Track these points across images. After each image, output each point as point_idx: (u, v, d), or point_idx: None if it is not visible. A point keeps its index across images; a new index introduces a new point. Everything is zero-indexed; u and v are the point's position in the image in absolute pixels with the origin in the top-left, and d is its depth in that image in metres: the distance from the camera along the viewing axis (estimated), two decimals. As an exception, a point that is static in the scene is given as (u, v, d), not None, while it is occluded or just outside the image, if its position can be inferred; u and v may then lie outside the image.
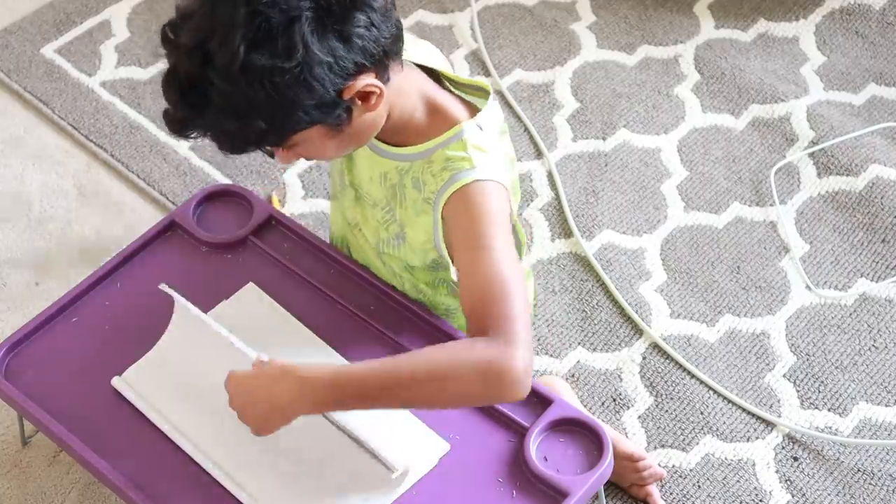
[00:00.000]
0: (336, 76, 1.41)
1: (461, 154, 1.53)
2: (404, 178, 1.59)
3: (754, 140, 2.32)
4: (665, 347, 2.02)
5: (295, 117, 1.42)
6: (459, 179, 1.51)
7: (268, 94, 1.38)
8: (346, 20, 1.40)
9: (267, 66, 1.37)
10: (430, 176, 1.55)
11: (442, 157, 1.54)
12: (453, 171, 1.52)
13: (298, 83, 1.39)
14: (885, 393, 1.98)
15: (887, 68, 2.43)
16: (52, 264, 2.16)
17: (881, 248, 2.15)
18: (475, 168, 1.52)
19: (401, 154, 1.58)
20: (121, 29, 2.52)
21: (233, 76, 1.37)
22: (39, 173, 2.29)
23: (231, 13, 1.36)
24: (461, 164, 1.53)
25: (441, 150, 1.54)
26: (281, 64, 1.37)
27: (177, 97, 1.42)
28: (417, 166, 1.57)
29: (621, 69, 2.44)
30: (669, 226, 2.20)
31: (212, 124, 1.43)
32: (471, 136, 1.54)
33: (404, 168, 1.58)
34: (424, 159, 1.56)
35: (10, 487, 1.88)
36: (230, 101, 1.39)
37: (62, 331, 1.73)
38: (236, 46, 1.36)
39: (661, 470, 1.87)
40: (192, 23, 1.39)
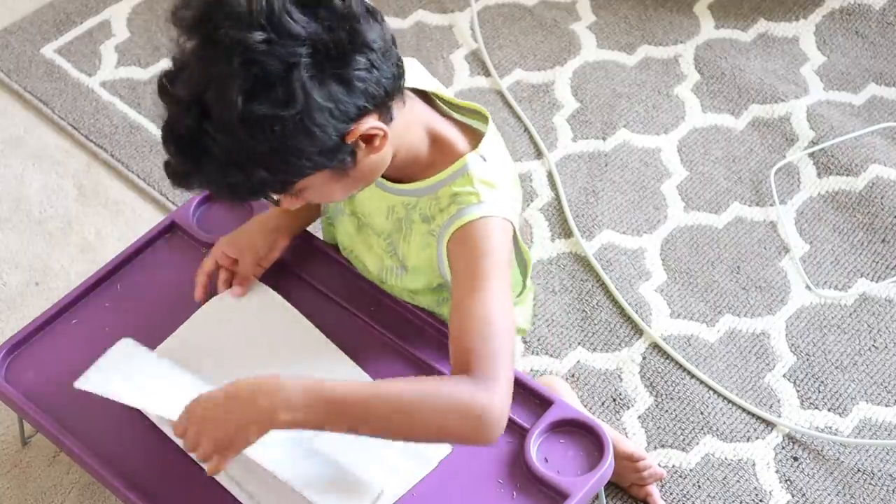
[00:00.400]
0: (338, 121, 1.38)
1: (468, 189, 1.52)
2: (412, 212, 1.57)
3: (754, 140, 2.32)
4: (665, 347, 2.02)
5: (298, 165, 1.39)
6: (466, 215, 1.51)
7: (269, 143, 1.35)
8: (345, 64, 1.37)
9: (267, 115, 1.34)
10: (437, 211, 1.54)
11: (448, 192, 1.53)
12: (460, 205, 1.51)
13: (300, 131, 1.36)
14: (885, 393, 1.98)
15: (887, 68, 2.43)
16: (52, 264, 2.16)
17: (881, 248, 2.15)
18: (482, 203, 1.51)
19: (407, 190, 1.56)
20: (121, 29, 2.52)
21: (232, 128, 1.34)
22: (39, 173, 2.29)
23: (226, 64, 1.33)
24: (468, 198, 1.51)
25: (447, 186, 1.53)
26: (281, 112, 1.34)
27: (175, 150, 1.39)
28: (425, 202, 1.55)
29: (621, 69, 2.44)
30: (669, 226, 2.20)
31: (213, 177, 1.39)
32: (475, 169, 1.53)
33: (411, 203, 1.57)
34: (431, 195, 1.55)
35: (10, 487, 1.88)
36: (231, 153, 1.36)
37: (62, 332, 1.73)
38: (234, 98, 1.33)
39: (661, 470, 1.87)
40: (187, 74, 1.36)
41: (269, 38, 1.34)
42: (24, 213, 2.24)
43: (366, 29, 1.39)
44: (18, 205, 2.25)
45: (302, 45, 1.35)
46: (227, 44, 1.33)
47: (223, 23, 1.34)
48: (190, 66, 1.36)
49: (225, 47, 1.33)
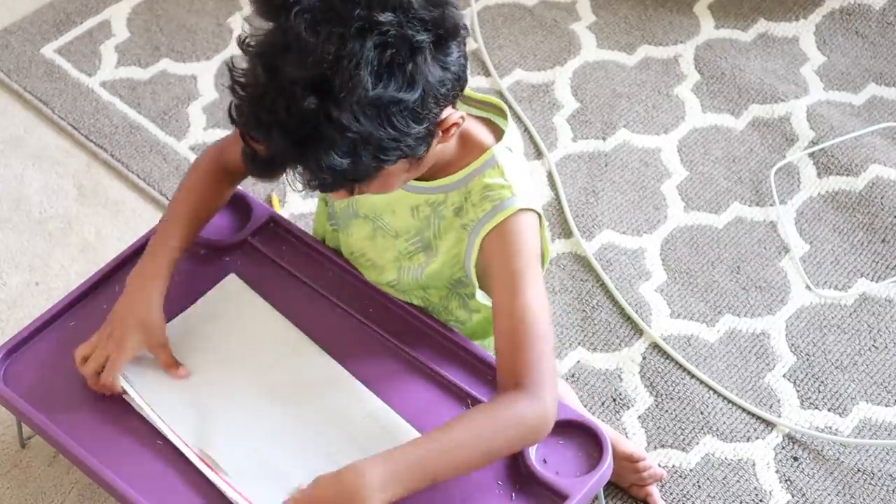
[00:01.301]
0: (439, 108, 1.39)
1: (500, 181, 1.52)
2: (441, 209, 1.57)
3: (754, 140, 2.32)
4: (665, 347, 2.02)
5: (399, 150, 1.37)
6: (502, 210, 1.51)
7: (387, 128, 1.34)
8: (448, 50, 1.37)
9: (394, 98, 1.32)
10: (470, 205, 1.54)
11: (480, 185, 1.53)
12: (495, 201, 1.52)
13: (413, 115, 1.35)
14: (885, 393, 1.98)
15: (887, 68, 2.43)
16: (52, 264, 2.16)
17: (881, 248, 2.15)
18: (516, 196, 1.52)
19: (433, 187, 1.56)
20: (121, 29, 2.52)
21: (360, 111, 1.31)
22: (39, 173, 2.29)
23: (359, 44, 1.30)
24: (502, 192, 1.52)
25: (478, 178, 1.53)
26: (404, 97, 1.33)
27: (279, 135, 1.34)
28: (455, 196, 1.55)
29: (621, 69, 2.44)
30: (669, 226, 2.20)
31: (317, 163, 1.35)
32: (504, 160, 1.53)
33: (438, 200, 1.57)
34: (460, 189, 1.55)
35: (10, 488, 1.88)
36: (349, 137, 1.33)
37: (60, 335, 1.72)
38: (365, 79, 1.30)
39: (661, 470, 1.87)
40: (303, 53, 1.31)
41: (401, 20, 1.33)
42: (24, 213, 2.24)
43: (457, 14, 1.39)
44: (18, 205, 2.25)
45: (426, 31, 1.34)
46: (361, 23, 1.31)
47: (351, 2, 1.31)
48: (306, 44, 1.31)
49: (358, 27, 1.30)
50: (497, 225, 1.52)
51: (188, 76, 2.43)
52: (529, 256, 1.52)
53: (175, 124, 2.35)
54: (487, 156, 1.53)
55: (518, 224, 1.52)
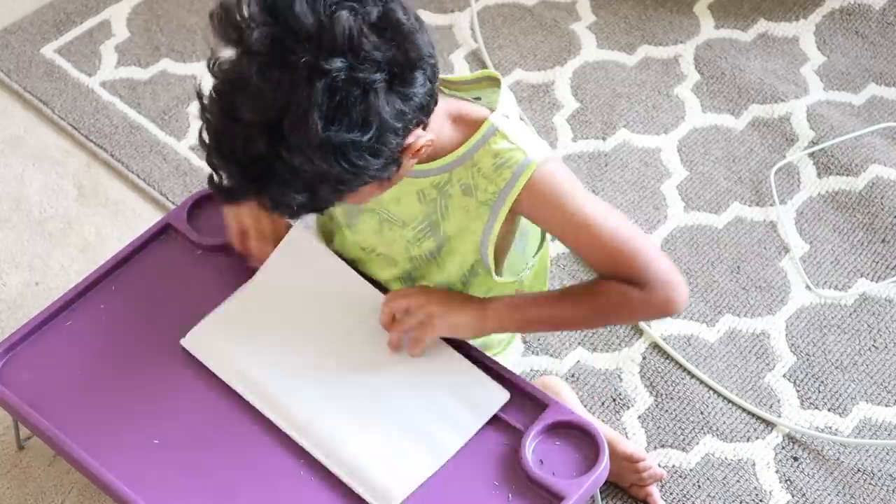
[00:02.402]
0: (400, 138, 1.39)
1: (507, 146, 1.52)
2: (447, 188, 1.56)
3: (754, 140, 2.32)
4: (665, 347, 2.02)
5: (360, 181, 1.39)
6: (522, 174, 1.51)
7: (341, 166, 1.35)
8: (409, 82, 1.37)
9: (345, 140, 1.33)
10: (482, 178, 1.53)
11: (488, 155, 1.52)
12: (511, 166, 1.51)
13: (371, 151, 1.36)
14: (885, 393, 1.98)
15: (887, 68, 2.43)
16: (52, 264, 2.16)
17: (881, 248, 2.15)
18: (529, 155, 1.52)
19: (434, 168, 1.55)
20: (121, 29, 2.52)
21: (310, 153, 1.33)
22: (39, 173, 2.29)
23: (307, 90, 1.31)
24: (514, 155, 1.51)
25: (482, 149, 1.53)
26: (357, 137, 1.34)
27: (237, 171, 1.37)
28: (459, 173, 1.55)
29: (621, 69, 2.44)
30: (669, 226, 2.20)
31: (275, 197, 1.38)
32: (504, 125, 1.53)
33: (443, 180, 1.56)
34: (465, 164, 1.54)
35: (10, 488, 1.88)
36: (300, 176, 1.35)
37: (57, 334, 1.72)
38: (314, 124, 1.31)
39: (661, 470, 1.87)
40: (254, 97, 1.32)
41: (351, 64, 1.32)
42: (24, 213, 2.24)
43: (421, 42, 1.39)
44: (18, 205, 2.25)
45: (379, 70, 1.34)
46: (308, 70, 1.31)
47: (299, 47, 1.31)
48: (257, 88, 1.32)
49: (305, 74, 1.31)
50: (525, 187, 1.52)
51: (188, 76, 2.43)
52: (575, 193, 1.55)
53: (175, 124, 2.35)
54: (486, 126, 1.53)
55: (546, 175, 1.53)
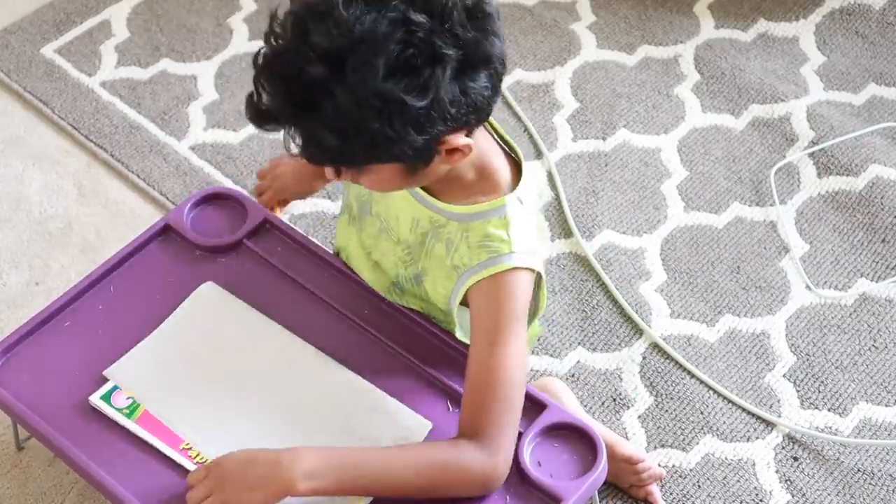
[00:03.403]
0: (445, 126, 1.38)
1: (501, 234, 1.51)
2: (438, 232, 1.56)
3: (754, 140, 2.32)
4: (665, 347, 2.02)
5: (392, 151, 1.37)
6: (496, 265, 1.50)
7: (383, 124, 1.33)
8: (474, 76, 1.37)
9: (397, 98, 1.32)
10: (465, 247, 1.53)
11: (482, 231, 1.52)
12: (491, 253, 1.51)
13: (415, 123, 1.35)
14: (885, 393, 1.98)
15: (887, 68, 2.43)
16: (52, 264, 2.16)
17: (881, 248, 2.15)
18: (513, 253, 1.50)
19: (440, 208, 1.55)
20: (121, 29, 2.52)
21: (362, 97, 1.31)
22: (39, 173, 2.29)
23: (386, 33, 1.30)
24: (500, 246, 1.51)
25: (482, 222, 1.52)
26: (410, 101, 1.33)
27: (282, 92, 1.35)
28: (453, 227, 1.54)
29: (621, 69, 2.44)
30: (669, 226, 2.20)
31: (307, 132, 1.36)
32: (513, 212, 1.52)
33: (440, 222, 1.56)
34: (462, 224, 1.53)
35: (10, 488, 1.88)
36: (342, 120, 1.33)
37: (55, 335, 1.72)
38: (378, 69, 1.30)
39: (661, 470, 1.87)
40: (332, 25, 1.31)
41: (434, 28, 1.32)
42: (24, 213, 2.24)
43: (498, 45, 1.39)
44: (18, 205, 2.25)
45: (456, 47, 1.34)
46: (395, 14, 1.31)
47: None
48: (338, 16, 1.31)
49: (391, 17, 1.31)
50: (487, 277, 1.51)
51: (188, 76, 2.43)
52: (514, 314, 1.51)
53: (175, 124, 2.35)
54: (498, 203, 1.52)
55: (509, 281, 1.51)
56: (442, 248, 1.56)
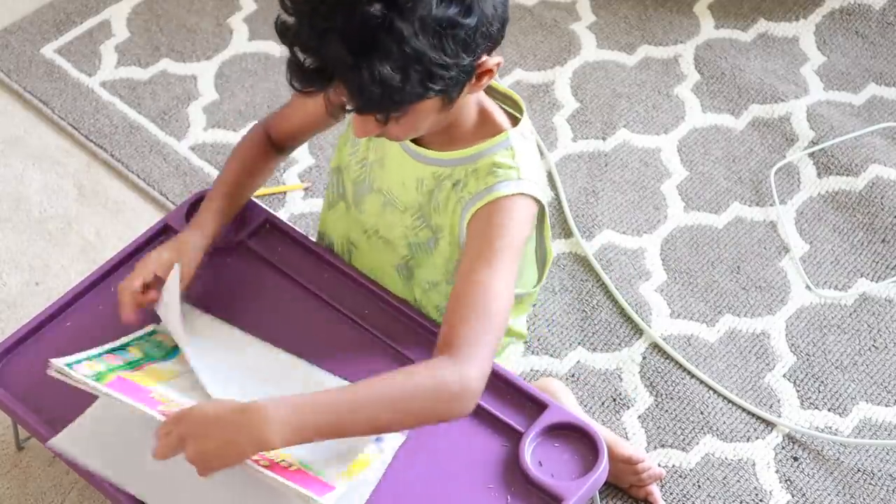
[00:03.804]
0: (485, 43, 1.40)
1: (509, 161, 1.52)
2: (443, 182, 1.57)
3: (754, 140, 2.32)
4: (665, 347, 2.02)
5: (444, 80, 1.38)
6: (499, 189, 1.51)
7: (442, 49, 1.35)
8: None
9: (453, 20, 1.34)
10: (473, 179, 1.54)
11: (489, 162, 1.53)
12: (499, 178, 1.52)
13: (465, 44, 1.37)
14: (885, 393, 1.98)
15: (887, 68, 2.43)
16: (52, 264, 2.16)
17: (881, 248, 2.15)
18: (521, 179, 1.52)
19: (440, 159, 1.56)
20: (121, 29, 2.52)
21: (422, 26, 1.33)
22: (39, 173, 2.30)
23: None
24: (508, 171, 1.52)
25: (489, 156, 1.53)
26: (463, 20, 1.35)
27: (336, 41, 1.33)
28: (460, 171, 1.55)
29: (621, 69, 2.44)
30: (669, 226, 2.20)
31: (371, 72, 1.34)
32: (518, 144, 1.54)
33: (444, 174, 1.57)
34: (469, 164, 1.55)
35: (10, 488, 1.88)
36: (405, 52, 1.33)
37: (55, 335, 1.71)
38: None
39: (661, 470, 1.87)
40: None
41: None
42: (24, 213, 2.24)
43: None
44: (18, 205, 2.25)
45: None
46: None
47: None
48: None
49: None
50: (489, 203, 1.51)
51: (188, 76, 2.43)
52: (512, 239, 1.50)
53: (175, 124, 2.35)
54: (502, 137, 1.54)
55: (510, 206, 1.51)
56: (451, 191, 1.57)
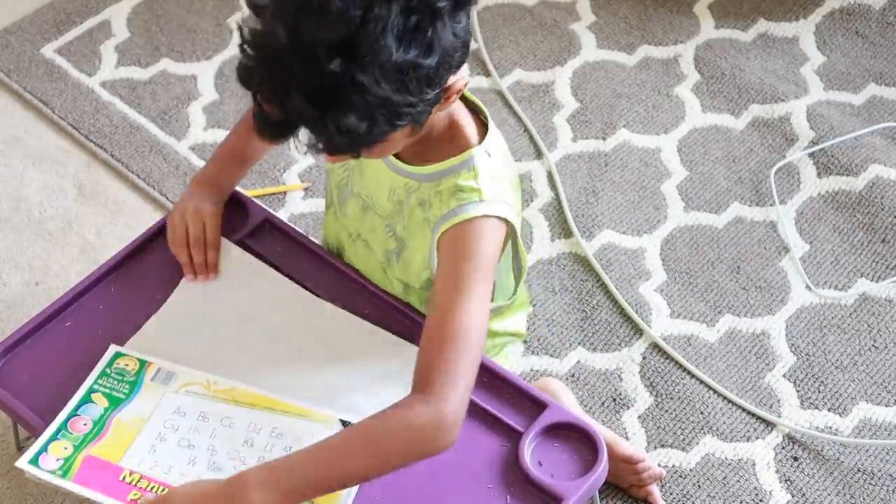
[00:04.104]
0: (447, 72, 1.40)
1: (471, 184, 1.52)
2: (411, 196, 1.57)
3: (754, 140, 2.32)
4: (665, 347, 2.02)
5: (410, 115, 1.38)
6: (464, 213, 1.50)
7: (405, 91, 1.34)
8: (458, 18, 1.38)
9: (413, 62, 1.33)
10: (437, 200, 1.54)
11: (451, 184, 1.53)
12: (461, 201, 1.51)
13: (428, 81, 1.36)
14: (885, 393, 1.98)
15: (887, 68, 2.43)
16: (52, 264, 2.16)
17: (881, 248, 2.15)
18: (483, 201, 1.51)
19: (412, 172, 1.56)
20: (121, 29, 2.52)
21: (383, 74, 1.32)
22: (39, 173, 2.30)
23: (385, 9, 1.31)
24: (470, 195, 1.51)
25: (451, 176, 1.53)
26: (423, 61, 1.34)
27: (298, 97, 1.33)
28: (426, 188, 1.55)
29: (621, 69, 2.44)
30: (669, 226, 2.20)
31: (336, 124, 1.35)
32: (481, 162, 1.53)
33: (413, 187, 1.57)
34: (433, 182, 1.55)
35: (10, 488, 1.88)
36: (368, 101, 1.33)
37: (56, 335, 1.72)
38: (390, 43, 1.31)
39: (661, 470, 1.87)
40: (327, 17, 1.31)
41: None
42: (24, 213, 2.24)
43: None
44: (18, 205, 2.25)
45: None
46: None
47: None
48: (329, 7, 1.31)
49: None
50: (455, 225, 1.51)
51: (188, 76, 2.43)
52: (479, 263, 1.49)
53: (175, 124, 2.35)
54: (466, 156, 1.53)
55: (476, 229, 1.50)
56: (418, 208, 1.57)
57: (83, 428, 1.58)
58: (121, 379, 1.64)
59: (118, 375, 1.64)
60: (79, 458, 1.55)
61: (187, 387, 1.62)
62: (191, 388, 1.62)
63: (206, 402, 1.61)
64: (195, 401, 1.61)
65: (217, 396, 1.61)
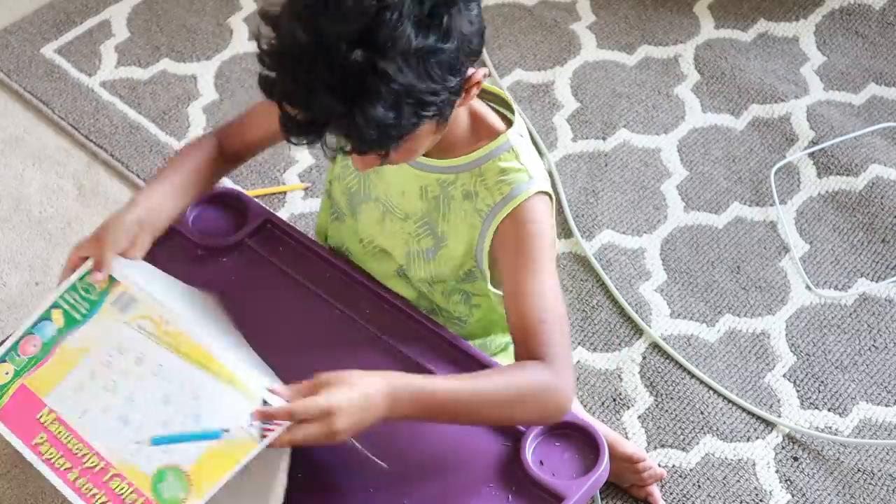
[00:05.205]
0: (468, 60, 1.40)
1: (516, 165, 1.53)
2: (450, 189, 1.57)
3: (754, 140, 2.32)
4: (665, 347, 2.02)
5: (435, 104, 1.38)
6: (519, 195, 1.51)
7: (430, 78, 1.35)
8: (470, 5, 1.39)
9: (433, 48, 1.34)
10: (483, 189, 1.54)
11: (495, 168, 1.53)
12: (512, 184, 1.52)
13: (450, 67, 1.37)
14: (885, 393, 1.98)
15: (887, 68, 2.43)
16: (52, 264, 2.16)
17: (881, 248, 2.15)
18: (533, 178, 1.52)
19: (443, 166, 1.56)
20: (121, 29, 2.52)
21: (406, 62, 1.33)
22: (39, 173, 2.30)
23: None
24: (519, 175, 1.52)
25: (492, 160, 1.53)
26: (443, 46, 1.35)
27: (324, 93, 1.33)
28: (465, 178, 1.55)
29: (621, 69, 2.44)
30: (669, 226, 2.20)
31: (364, 116, 1.34)
32: (518, 144, 1.54)
33: (448, 180, 1.56)
34: (473, 170, 1.54)
35: (10, 488, 1.88)
36: (393, 89, 1.33)
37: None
38: (409, 30, 1.32)
39: (661, 470, 1.87)
40: (343, 11, 1.32)
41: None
42: (24, 213, 2.24)
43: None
44: (18, 205, 2.25)
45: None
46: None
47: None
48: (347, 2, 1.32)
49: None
50: (514, 210, 1.52)
51: (188, 76, 2.44)
52: (546, 240, 1.52)
53: (175, 124, 2.35)
54: (502, 139, 1.54)
55: (535, 208, 1.52)
56: (463, 201, 1.57)
57: (31, 350, 1.50)
58: (85, 296, 1.56)
59: (84, 291, 1.56)
60: (13, 387, 1.46)
61: (140, 319, 1.52)
62: (142, 321, 1.52)
63: (149, 344, 1.51)
64: (139, 339, 1.51)
65: (161, 339, 1.51)
